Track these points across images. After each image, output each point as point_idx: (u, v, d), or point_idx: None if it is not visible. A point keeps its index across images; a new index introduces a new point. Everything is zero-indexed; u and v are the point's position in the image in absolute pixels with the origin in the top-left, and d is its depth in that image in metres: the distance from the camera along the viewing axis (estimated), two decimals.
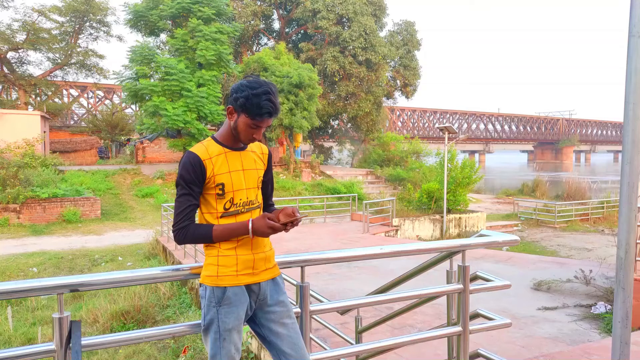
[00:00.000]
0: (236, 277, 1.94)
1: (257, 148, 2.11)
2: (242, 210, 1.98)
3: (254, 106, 1.87)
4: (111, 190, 20.15)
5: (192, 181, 1.90)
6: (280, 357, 2.01)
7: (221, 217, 1.96)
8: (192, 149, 1.94)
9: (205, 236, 1.91)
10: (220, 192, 1.94)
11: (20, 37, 27.77)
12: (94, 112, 37.25)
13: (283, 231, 1.92)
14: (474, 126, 64.73)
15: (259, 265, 1.99)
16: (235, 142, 2.00)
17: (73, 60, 30.30)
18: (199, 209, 1.99)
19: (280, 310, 2.04)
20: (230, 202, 1.96)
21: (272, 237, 2.03)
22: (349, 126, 34.23)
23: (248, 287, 1.98)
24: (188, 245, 9.94)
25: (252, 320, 2.07)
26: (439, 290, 2.59)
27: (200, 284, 1.98)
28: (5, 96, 31.71)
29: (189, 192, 1.90)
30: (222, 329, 1.91)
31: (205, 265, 1.98)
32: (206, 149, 1.94)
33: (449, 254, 2.64)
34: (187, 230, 1.90)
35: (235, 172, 1.97)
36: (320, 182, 22.89)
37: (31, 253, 12.39)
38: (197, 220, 2.01)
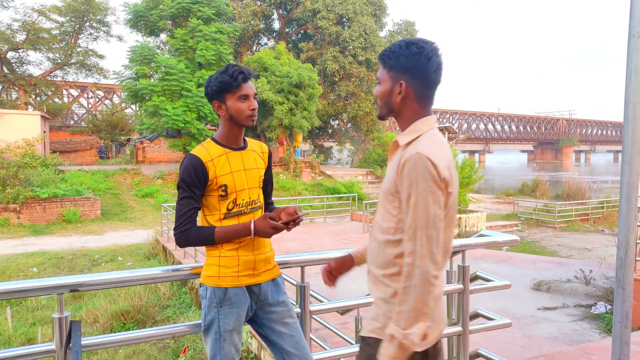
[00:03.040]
0: (237, 278, 1.94)
1: (257, 147, 2.10)
2: (245, 210, 1.98)
3: (227, 80, 1.91)
4: (111, 190, 20.15)
5: (194, 184, 1.89)
6: (284, 356, 2.01)
7: (224, 218, 1.95)
8: (193, 151, 1.93)
9: (207, 238, 1.90)
10: (223, 193, 1.93)
11: (20, 37, 27.80)
12: (94, 112, 37.24)
13: (285, 230, 1.91)
14: (474, 126, 64.70)
15: (260, 266, 1.99)
16: (235, 141, 2.00)
17: (73, 60, 30.31)
18: (200, 211, 1.98)
19: (282, 310, 2.04)
20: (233, 202, 1.95)
21: (273, 237, 2.03)
22: (349, 126, 34.22)
23: (249, 288, 1.97)
24: None
25: (254, 321, 2.07)
26: None
27: (201, 284, 1.98)
28: (5, 96, 31.71)
29: (191, 194, 1.90)
30: (223, 330, 1.91)
31: (206, 266, 1.97)
32: (207, 150, 1.93)
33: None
34: (189, 233, 1.89)
35: (237, 172, 1.96)
36: (320, 182, 22.87)
37: (31, 253, 12.38)
38: (199, 222, 2.00)
